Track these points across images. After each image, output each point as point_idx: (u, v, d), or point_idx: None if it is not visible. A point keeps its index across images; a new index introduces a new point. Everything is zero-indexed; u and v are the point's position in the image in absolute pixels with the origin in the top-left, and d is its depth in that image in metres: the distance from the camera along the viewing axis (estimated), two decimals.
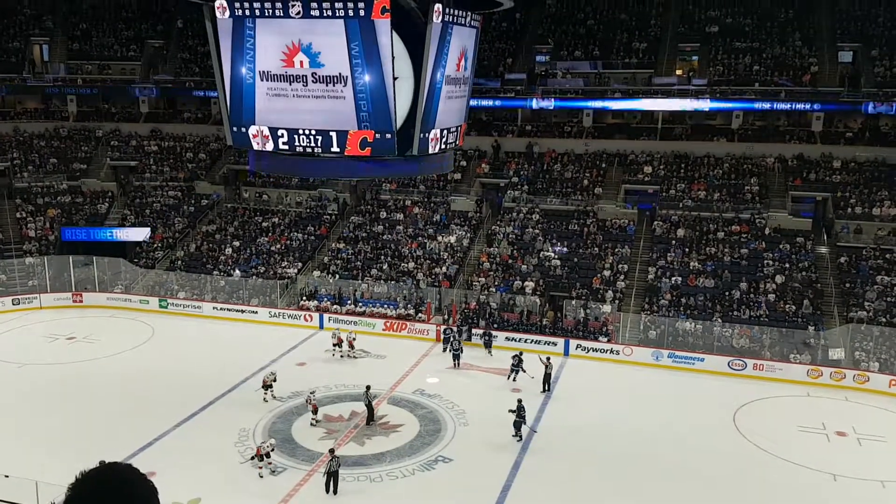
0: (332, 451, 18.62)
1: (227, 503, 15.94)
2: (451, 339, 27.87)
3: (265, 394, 23.54)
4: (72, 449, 19.79)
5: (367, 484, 18.96)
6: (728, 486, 19.16)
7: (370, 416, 22.40)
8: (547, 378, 25.07)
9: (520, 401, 21.60)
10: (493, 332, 28.94)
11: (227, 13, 11.74)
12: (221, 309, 33.18)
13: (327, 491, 18.11)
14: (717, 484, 19.29)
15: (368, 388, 22.64)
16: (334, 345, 28.09)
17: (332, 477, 18.13)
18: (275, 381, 23.82)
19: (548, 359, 25.52)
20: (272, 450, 19.50)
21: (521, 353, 25.92)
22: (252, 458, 19.37)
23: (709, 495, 18.71)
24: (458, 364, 27.03)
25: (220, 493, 17.72)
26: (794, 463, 20.45)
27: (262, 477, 18.90)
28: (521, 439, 21.18)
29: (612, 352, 28.60)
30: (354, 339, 28.26)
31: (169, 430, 21.63)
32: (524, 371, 25.37)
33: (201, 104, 45.49)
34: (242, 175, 41.18)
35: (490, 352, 28.34)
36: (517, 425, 21.25)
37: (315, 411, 22.34)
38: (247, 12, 11.62)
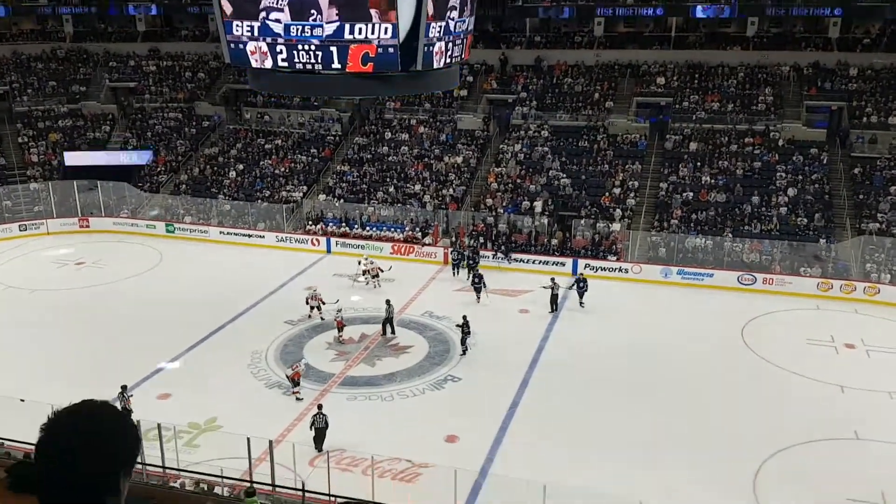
0: (320, 406, 17.19)
1: (242, 424, 16.18)
2: (461, 261, 27.86)
3: (311, 312, 23.92)
4: (86, 372, 20.07)
5: (379, 403, 19.23)
6: (736, 399, 19.34)
7: (392, 329, 22.87)
8: (554, 299, 25.04)
9: (465, 317, 21.99)
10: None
11: None
12: (228, 233, 33.10)
13: (316, 447, 16.73)
14: (725, 397, 19.48)
15: (388, 301, 23.26)
16: (364, 272, 27.12)
17: (319, 433, 16.74)
18: (323, 301, 23.95)
19: (552, 279, 25.44)
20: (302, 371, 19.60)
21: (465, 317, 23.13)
22: (292, 382, 19.27)
23: (716, 407, 18.91)
24: (480, 298, 25.75)
25: (234, 414, 18.01)
26: (802, 375, 20.58)
27: (300, 400, 19.04)
28: (465, 352, 21.74)
29: (621, 270, 28.49)
30: (372, 266, 27.28)
31: (181, 353, 21.89)
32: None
33: (199, 21, 44.20)
34: (243, 95, 40.36)
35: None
36: (462, 340, 21.86)
37: (340, 328, 22.68)
38: None
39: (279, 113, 39.12)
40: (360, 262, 27.86)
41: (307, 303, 24.24)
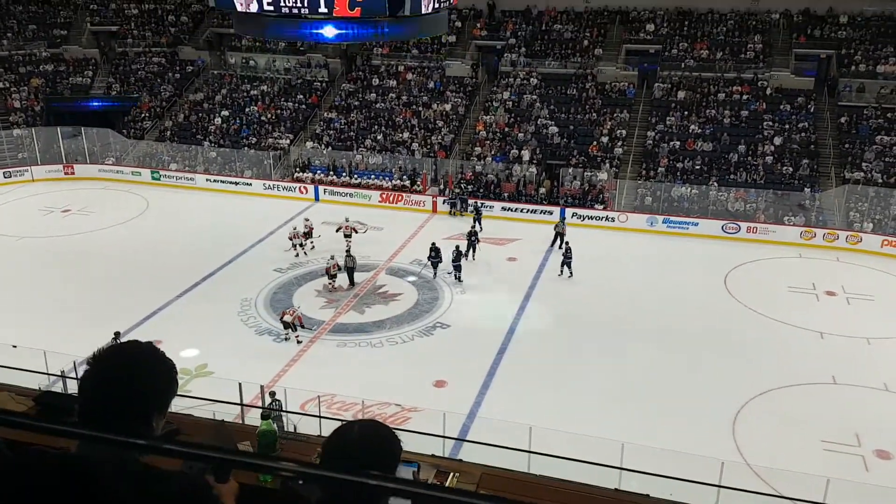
0: (272, 393, 15.32)
1: (233, 369, 16.42)
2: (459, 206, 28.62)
3: (330, 282, 22.79)
4: (77, 319, 20.18)
5: (369, 349, 19.53)
6: (717, 345, 19.76)
7: (351, 280, 22.89)
8: (560, 237, 25.76)
9: (433, 244, 23.62)
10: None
11: None
12: (215, 181, 32.92)
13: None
14: (706, 342, 19.89)
15: (348, 251, 23.51)
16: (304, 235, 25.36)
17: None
18: (339, 269, 22.90)
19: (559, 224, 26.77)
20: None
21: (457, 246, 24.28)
22: (290, 327, 19.46)
23: (698, 353, 19.34)
24: (475, 255, 25.13)
25: (224, 360, 18.24)
26: (783, 322, 21.01)
27: (300, 343, 19.40)
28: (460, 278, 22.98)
29: (607, 219, 28.70)
30: (348, 224, 26.03)
31: (171, 300, 22.00)
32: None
33: None
34: (227, 39, 39.64)
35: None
36: (434, 265, 23.37)
37: (332, 276, 22.56)
38: None
39: (265, 58, 38.53)
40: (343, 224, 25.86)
41: (290, 239, 24.83)
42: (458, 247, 23.56)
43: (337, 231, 25.85)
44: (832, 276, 24.34)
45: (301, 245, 24.88)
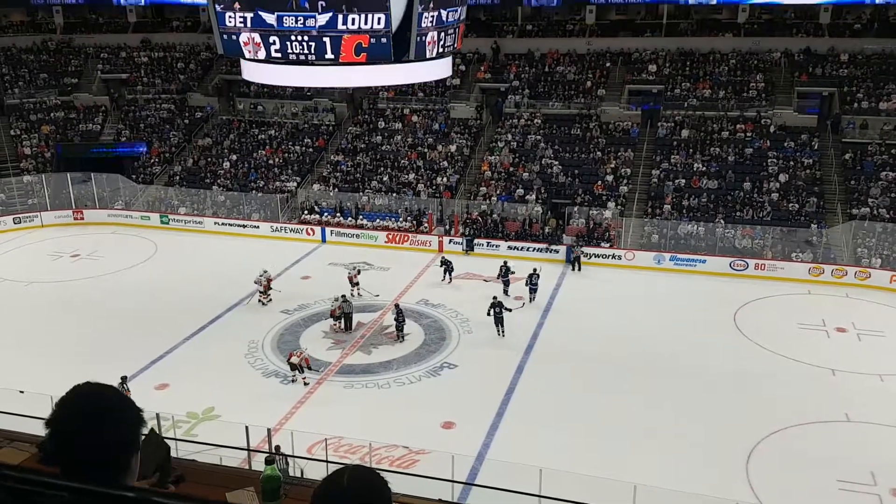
0: (277, 448, 14.87)
1: (240, 412, 16.34)
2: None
3: (335, 323, 22.88)
4: (84, 363, 20.14)
5: (376, 391, 19.40)
6: (727, 382, 19.56)
7: (348, 325, 22.70)
8: (576, 260, 27.68)
9: (495, 297, 22.62)
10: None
11: None
12: (223, 224, 33.15)
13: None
14: (717, 381, 19.69)
15: (344, 297, 23.12)
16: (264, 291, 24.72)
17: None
18: (343, 310, 22.70)
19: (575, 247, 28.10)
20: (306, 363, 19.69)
21: (506, 262, 26.02)
22: (297, 368, 19.39)
23: (709, 392, 19.13)
24: (448, 278, 26.55)
25: (231, 403, 18.16)
26: (793, 359, 20.82)
27: (307, 384, 19.33)
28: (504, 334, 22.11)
29: (614, 257, 28.68)
30: (358, 273, 25.69)
31: (178, 343, 21.98)
32: (510, 276, 25.60)
33: (190, 12, 44.01)
34: (235, 86, 40.32)
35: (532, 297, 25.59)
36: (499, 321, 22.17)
37: (352, 283, 24.39)
38: None
39: (272, 103, 39.09)
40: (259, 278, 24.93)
41: (332, 315, 22.98)
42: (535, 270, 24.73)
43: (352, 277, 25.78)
44: (842, 313, 24.17)
45: (262, 293, 24.44)
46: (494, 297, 21.88)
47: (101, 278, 27.55)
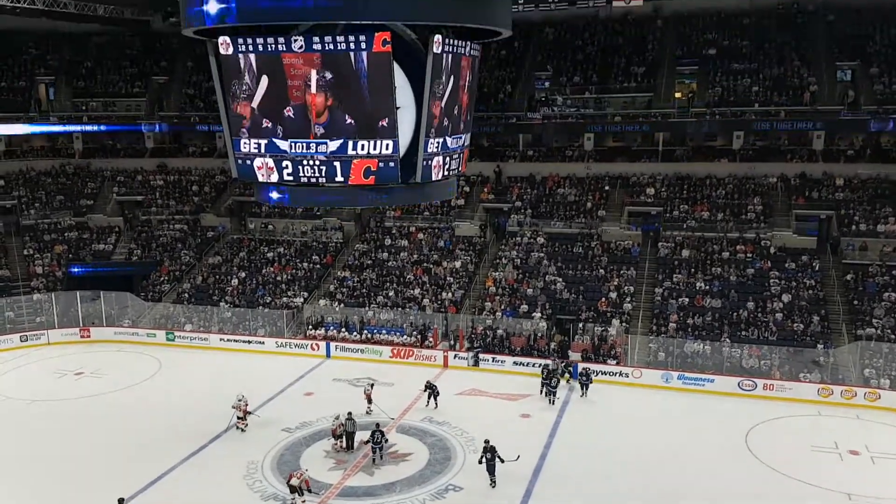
0: None
1: None
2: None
3: (335, 443, 22.48)
4: (83, 485, 19.75)
5: None
6: None
7: (350, 444, 22.26)
8: (586, 385, 27.02)
9: (487, 441, 20.32)
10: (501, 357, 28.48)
11: (231, 49, 11.95)
12: (228, 340, 33.21)
13: None
14: None
15: (350, 414, 22.61)
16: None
17: None
18: (345, 429, 22.39)
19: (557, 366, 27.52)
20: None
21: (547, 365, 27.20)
22: (297, 491, 18.85)
23: None
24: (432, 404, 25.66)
25: None
26: (808, 483, 20.24)
27: None
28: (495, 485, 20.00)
29: (621, 374, 28.46)
30: (372, 387, 25.72)
31: (178, 463, 21.57)
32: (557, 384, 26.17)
33: (206, 138, 45.82)
34: (248, 206, 41.47)
35: (584, 393, 26.83)
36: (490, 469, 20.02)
37: (369, 400, 24.08)
38: (250, 48, 11.82)
39: (283, 223, 40.10)
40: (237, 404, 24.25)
41: (333, 434, 22.55)
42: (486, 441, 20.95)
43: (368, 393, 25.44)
44: (854, 435, 23.67)
45: (240, 418, 23.73)
46: (487, 441, 20.30)
47: (103, 397, 27.35)
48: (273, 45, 11.64)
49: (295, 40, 11.49)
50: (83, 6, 39.14)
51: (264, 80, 11.97)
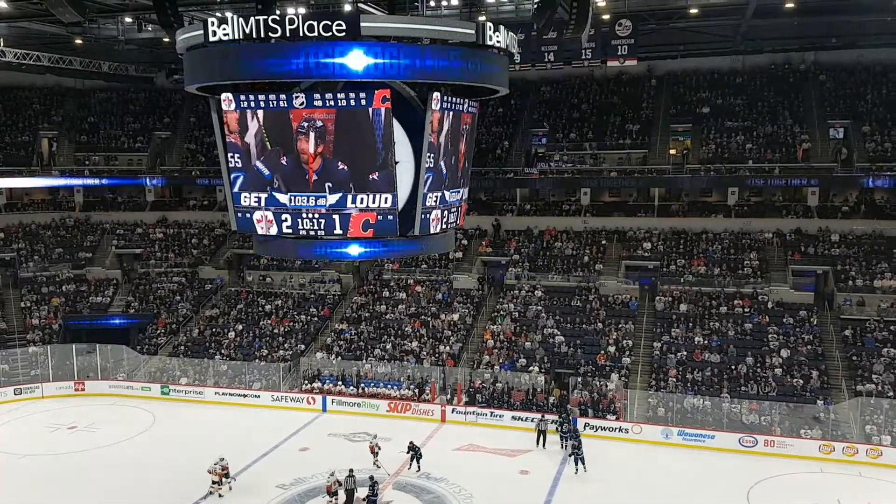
0: None
1: None
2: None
3: (330, 500, 21.89)
4: None
5: None
6: None
7: (349, 501, 21.84)
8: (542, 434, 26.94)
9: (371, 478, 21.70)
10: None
11: (233, 105, 12.22)
12: (223, 394, 32.90)
13: None
14: None
15: (351, 471, 22.22)
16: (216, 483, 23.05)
17: None
18: (346, 486, 22.03)
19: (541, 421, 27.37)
20: None
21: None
22: None
23: None
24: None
25: None
26: None
27: None
28: None
29: (620, 430, 28.15)
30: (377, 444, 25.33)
31: None
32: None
33: (207, 192, 46.24)
34: (246, 259, 41.58)
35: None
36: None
37: (333, 494, 21.81)
38: (251, 104, 12.09)
39: (281, 275, 40.14)
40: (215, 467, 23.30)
41: (328, 492, 21.98)
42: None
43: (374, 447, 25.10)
44: (857, 493, 23.30)
45: (218, 483, 22.92)
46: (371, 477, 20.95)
47: (94, 452, 26.95)
48: (275, 102, 11.92)
49: (296, 97, 11.77)
50: (88, 63, 40.05)
51: (262, 134, 12.22)
